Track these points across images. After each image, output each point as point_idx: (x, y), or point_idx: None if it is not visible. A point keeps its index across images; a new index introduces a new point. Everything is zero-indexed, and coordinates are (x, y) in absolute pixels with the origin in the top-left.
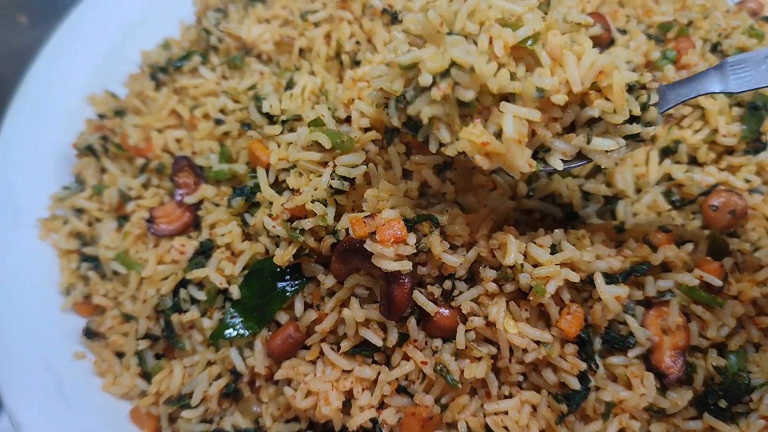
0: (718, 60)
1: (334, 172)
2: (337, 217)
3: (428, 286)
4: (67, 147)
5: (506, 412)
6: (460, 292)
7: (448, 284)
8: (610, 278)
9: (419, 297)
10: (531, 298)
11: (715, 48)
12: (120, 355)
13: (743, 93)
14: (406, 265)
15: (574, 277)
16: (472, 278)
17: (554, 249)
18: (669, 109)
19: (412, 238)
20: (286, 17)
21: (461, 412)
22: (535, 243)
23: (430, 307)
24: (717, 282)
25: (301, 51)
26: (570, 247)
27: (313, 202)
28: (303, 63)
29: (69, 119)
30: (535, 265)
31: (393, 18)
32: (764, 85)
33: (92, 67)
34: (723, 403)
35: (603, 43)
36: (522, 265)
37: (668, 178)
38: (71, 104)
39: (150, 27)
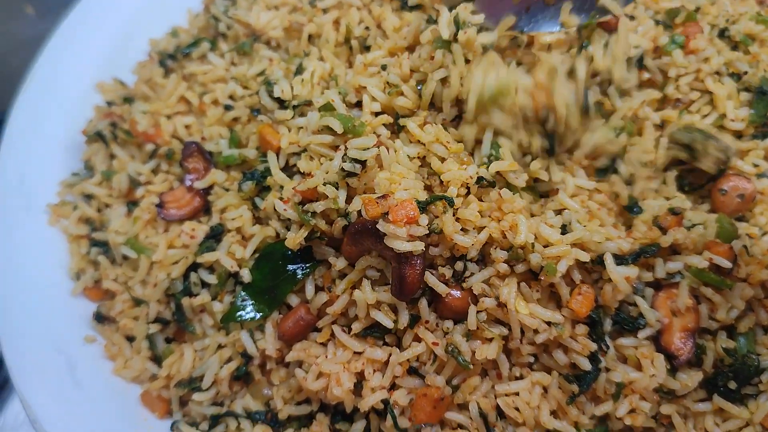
0: (726, 45)
1: (345, 154)
2: (348, 200)
3: (439, 267)
4: (77, 134)
5: (517, 393)
6: (472, 274)
7: (459, 265)
8: (620, 259)
9: (430, 278)
10: (542, 278)
11: (722, 33)
12: (130, 339)
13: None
14: (419, 246)
15: (585, 257)
16: (484, 260)
17: (564, 229)
18: None
19: (424, 219)
20: (294, 4)
21: (472, 393)
22: (545, 223)
23: (441, 288)
24: (727, 264)
25: (310, 37)
26: (580, 228)
27: (324, 185)
28: (312, 49)
29: (78, 107)
30: (545, 246)
31: (402, 3)
32: None
33: (100, 56)
34: (732, 385)
35: (611, 27)
36: (533, 244)
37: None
38: (80, 92)
39: (157, 15)
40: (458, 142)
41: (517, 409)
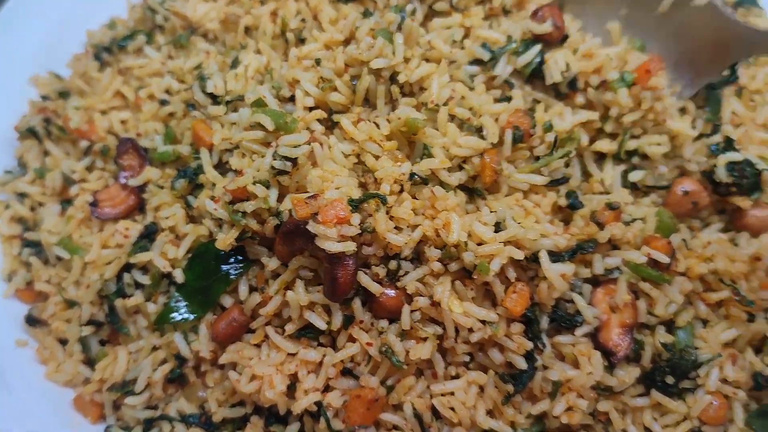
0: None
1: (276, 152)
2: (281, 199)
3: (373, 266)
4: (9, 130)
5: (453, 393)
6: (406, 273)
7: (393, 264)
8: (556, 256)
9: (363, 278)
10: (476, 277)
11: None
12: (63, 341)
13: None
14: (350, 246)
15: (518, 255)
16: (418, 258)
17: (498, 227)
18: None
19: (356, 218)
20: None
21: (407, 394)
22: (479, 221)
23: (374, 288)
24: (665, 259)
25: (247, 29)
26: (514, 225)
27: (255, 183)
28: (249, 41)
29: (13, 101)
30: (479, 243)
31: None
32: None
33: (36, 48)
34: (670, 380)
35: (554, 41)
36: (466, 243)
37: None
38: (15, 86)
39: (96, 5)
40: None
41: (452, 408)
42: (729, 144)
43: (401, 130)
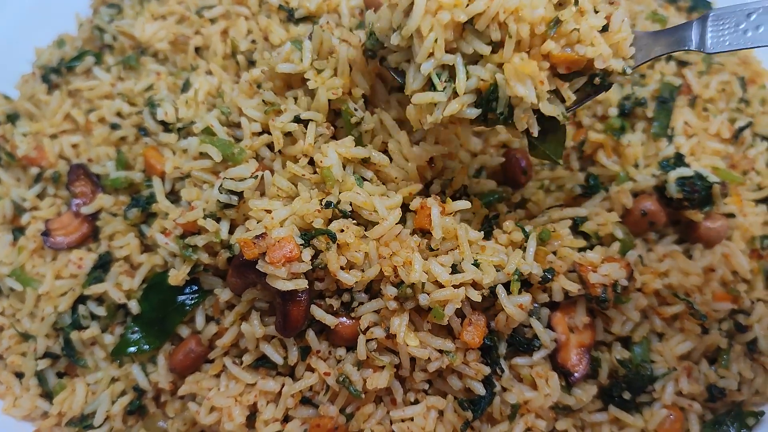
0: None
1: (221, 185)
2: (232, 229)
3: (327, 298)
4: None
5: (412, 419)
6: (360, 303)
7: (347, 297)
8: None
9: (317, 312)
10: (430, 319)
11: None
12: (19, 375)
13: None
14: (301, 284)
15: (476, 297)
16: (371, 289)
17: (455, 269)
18: (646, 62)
19: (307, 255)
20: (182, 13)
21: (367, 421)
22: (436, 260)
23: (329, 321)
24: (624, 283)
25: (198, 49)
26: (472, 269)
27: (205, 218)
28: (199, 62)
29: None
30: (435, 282)
31: (289, 15)
32: (739, 48)
33: None
34: (627, 395)
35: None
36: (423, 284)
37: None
38: None
39: (44, 20)
40: None
41: None
42: (679, 159)
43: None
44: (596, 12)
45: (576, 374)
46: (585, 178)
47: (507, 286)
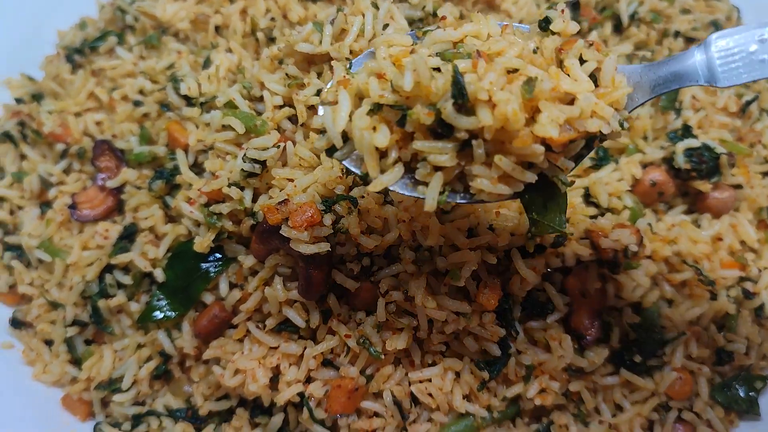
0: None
1: (245, 154)
2: (255, 198)
3: (347, 263)
4: None
5: (430, 380)
6: (380, 268)
7: (367, 261)
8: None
9: (338, 276)
10: (448, 281)
11: (633, 16)
12: (49, 343)
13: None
14: (324, 247)
15: (491, 260)
16: (390, 254)
17: (471, 232)
18: (644, 103)
19: (328, 219)
20: None
21: (386, 382)
22: (452, 224)
23: (350, 284)
24: (634, 248)
25: (218, 28)
26: (488, 233)
27: (229, 186)
28: (220, 40)
29: None
30: (452, 245)
31: None
32: (758, 78)
33: (8, 49)
34: (638, 358)
35: None
36: (440, 248)
37: None
38: None
39: (66, 5)
40: None
41: (430, 395)
42: (687, 130)
43: None
44: (582, 62)
45: (588, 337)
46: (595, 151)
47: (521, 250)
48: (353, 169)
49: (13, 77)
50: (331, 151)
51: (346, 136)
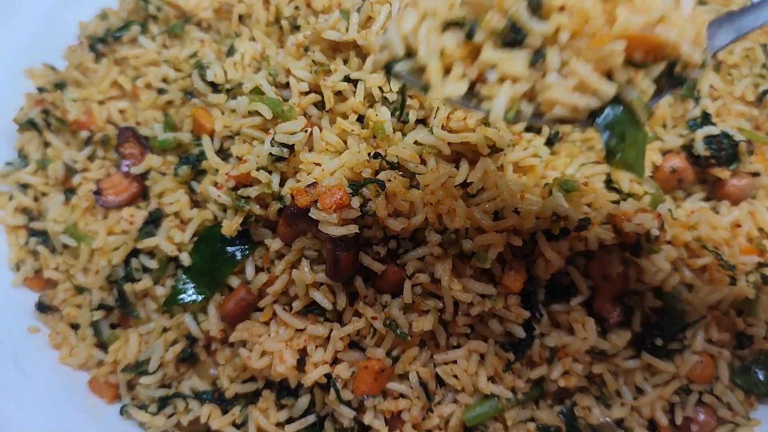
0: None
1: (273, 139)
2: (282, 183)
3: (374, 246)
4: (8, 123)
5: (455, 362)
6: (406, 251)
7: (393, 243)
8: (552, 234)
9: (365, 259)
10: (474, 263)
11: None
12: (75, 327)
13: None
14: (352, 229)
15: (517, 242)
16: (416, 237)
17: (497, 215)
18: (726, 46)
19: (356, 202)
20: None
21: (412, 363)
22: (478, 207)
23: (376, 267)
24: (656, 232)
25: (241, 17)
26: (513, 216)
27: (258, 170)
28: (243, 29)
29: (7, 95)
30: (478, 228)
31: None
32: None
33: (28, 41)
34: (659, 342)
35: None
36: (467, 230)
37: None
38: (8, 79)
39: None
40: None
41: (455, 376)
42: (706, 118)
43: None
44: None
45: (610, 320)
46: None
47: (546, 233)
48: (412, 82)
49: (34, 67)
50: (390, 66)
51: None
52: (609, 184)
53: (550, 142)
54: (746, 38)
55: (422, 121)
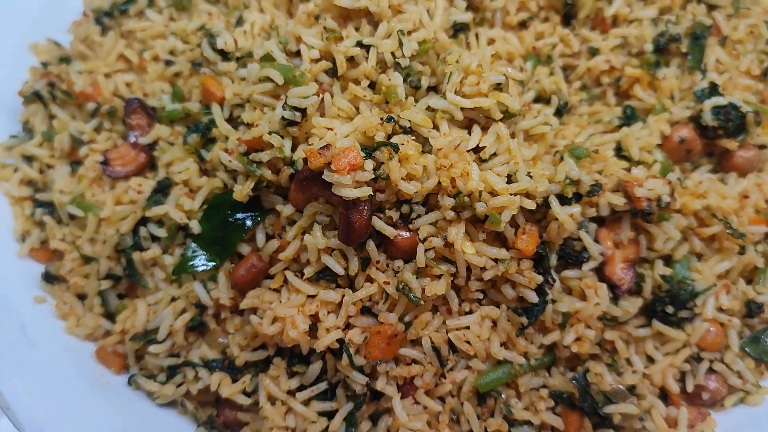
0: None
1: (285, 103)
2: (294, 148)
3: (386, 210)
4: (12, 96)
5: (468, 327)
6: (418, 215)
7: (405, 208)
8: (565, 199)
9: (378, 223)
10: (487, 227)
11: None
12: (82, 297)
13: None
14: (366, 191)
15: (530, 205)
16: (428, 203)
17: (510, 179)
18: None
19: (369, 164)
20: None
21: (425, 329)
22: (493, 172)
23: (389, 231)
24: (667, 199)
25: None
26: (526, 179)
27: (270, 134)
28: (251, 1)
29: (11, 69)
30: (491, 192)
31: None
32: None
33: (31, 16)
34: (670, 309)
35: None
36: (480, 193)
37: None
38: (12, 54)
39: None
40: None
41: (468, 342)
42: (714, 89)
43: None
44: None
45: (622, 287)
46: (622, 111)
47: (559, 197)
48: None
49: (38, 42)
50: None
51: None
52: (619, 152)
53: (559, 113)
54: (750, 15)
55: (434, 89)
